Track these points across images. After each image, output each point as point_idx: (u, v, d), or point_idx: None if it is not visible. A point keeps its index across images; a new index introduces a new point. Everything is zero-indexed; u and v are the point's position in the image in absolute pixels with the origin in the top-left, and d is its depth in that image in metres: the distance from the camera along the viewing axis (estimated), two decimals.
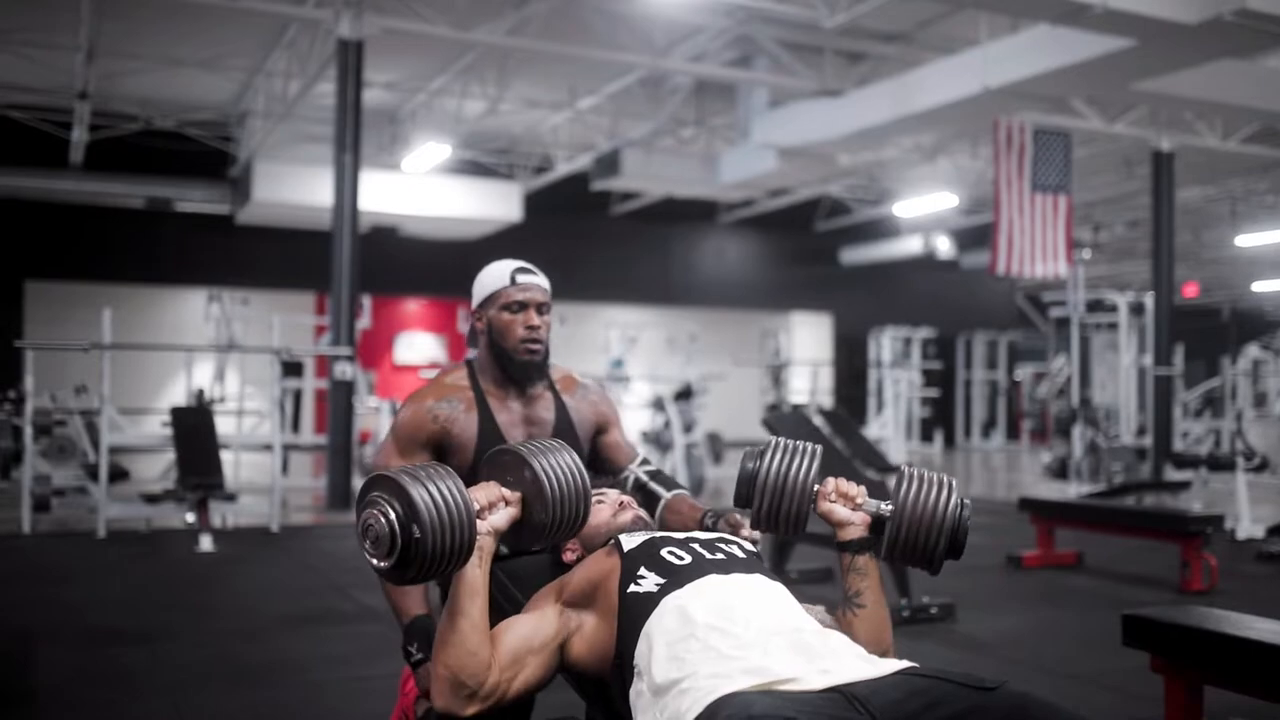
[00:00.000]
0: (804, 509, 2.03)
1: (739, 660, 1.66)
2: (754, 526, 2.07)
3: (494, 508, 1.96)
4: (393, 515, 1.78)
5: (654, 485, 2.44)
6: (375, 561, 1.83)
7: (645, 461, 2.55)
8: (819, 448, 2.08)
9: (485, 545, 1.92)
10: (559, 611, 2.00)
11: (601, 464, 2.55)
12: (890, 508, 2.01)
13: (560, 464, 1.99)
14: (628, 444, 2.60)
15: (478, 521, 1.87)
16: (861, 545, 2.05)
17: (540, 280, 2.46)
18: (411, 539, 1.77)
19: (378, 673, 4.19)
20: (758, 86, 12.47)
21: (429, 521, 1.77)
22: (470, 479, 2.31)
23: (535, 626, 1.98)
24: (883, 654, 2.01)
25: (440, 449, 2.34)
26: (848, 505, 2.07)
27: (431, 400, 2.37)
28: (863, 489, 2.10)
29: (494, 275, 2.45)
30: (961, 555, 2.01)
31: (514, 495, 1.99)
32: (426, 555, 1.78)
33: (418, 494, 1.78)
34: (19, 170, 14.32)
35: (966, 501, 2.01)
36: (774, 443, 2.07)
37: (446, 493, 1.80)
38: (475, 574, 1.91)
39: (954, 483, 2.02)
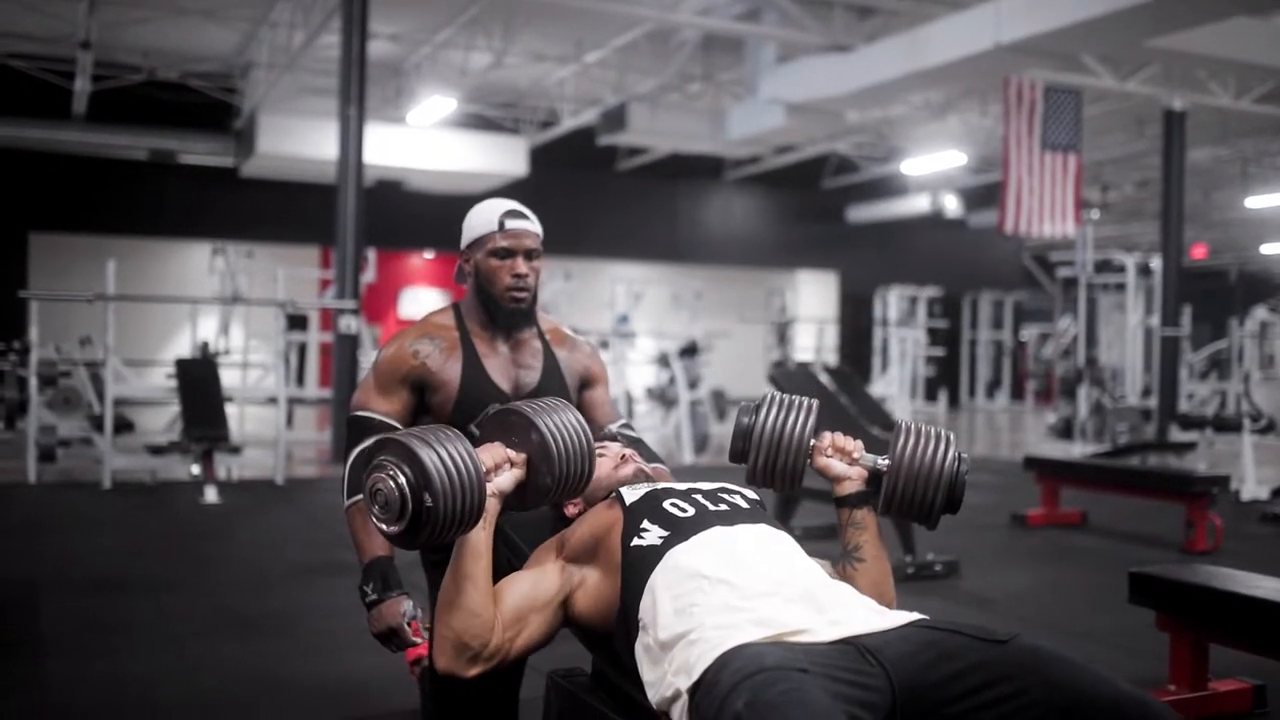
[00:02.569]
0: (800, 464, 2.00)
1: (748, 611, 1.65)
2: (749, 481, 2.04)
3: (499, 469, 1.92)
4: (403, 480, 1.72)
5: None
6: (384, 526, 1.77)
7: (627, 425, 2.49)
8: (816, 402, 2.05)
9: (490, 507, 1.88)
10: (561, 568, 1.97)
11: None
12: (887, 463, 1.98)
13: (565, 423, 1.94)
14: (611, 404, 2.55)
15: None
16: (859, 499, 2.03)
17: (530, 225, 2.35)
18: (423, 506, 1.71)
19: None
20: (766, 41, 12.34)
21: (441, 488, 1.71)
22: (454, 417, 2.26)
23: (537, 583, 1.95)
24: (886, 607, 2.01)
25: (420, 387, 2.30)
26: (845, 460, 2.04)
27: (413, 338, 2.34)
28: (859, 444, 2.07)
29: (482, 218, 2.35)
30: (959, 509, 2.00)
31: (519, 457, 1.94)
32: (438, 522, 1.73)
33: (429, 459, 1.71)
34: (22, 120, 14.23)
35: (964, 456, 1.99)
36: (770, 397, 2.03)
37: (457, 456, 1.74)
38: (480, 536, 1.87)
39: (952, 437, 1.99)
